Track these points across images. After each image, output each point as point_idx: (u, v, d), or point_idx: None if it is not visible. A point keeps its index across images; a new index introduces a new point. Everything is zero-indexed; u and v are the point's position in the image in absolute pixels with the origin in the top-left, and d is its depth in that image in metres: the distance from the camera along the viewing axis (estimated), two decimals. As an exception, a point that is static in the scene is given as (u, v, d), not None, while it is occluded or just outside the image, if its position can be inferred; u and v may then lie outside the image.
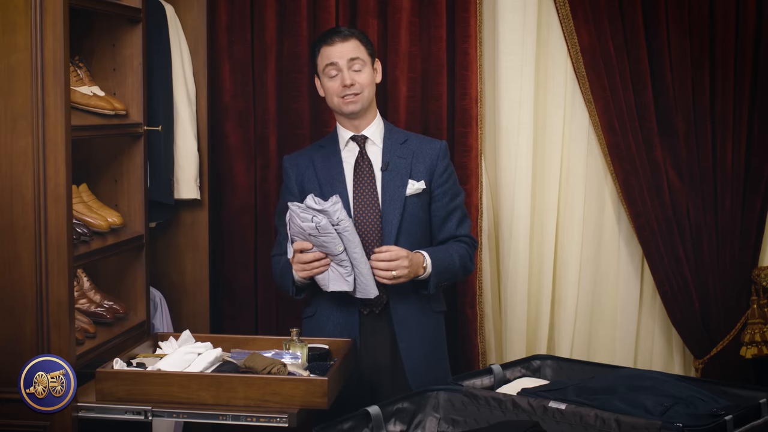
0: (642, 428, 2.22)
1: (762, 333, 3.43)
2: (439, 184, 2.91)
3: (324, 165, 2.92)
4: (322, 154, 2.94)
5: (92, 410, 2.57)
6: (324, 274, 2.74)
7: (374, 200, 2.86)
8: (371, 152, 2.92)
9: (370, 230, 2.84)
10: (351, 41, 2.87)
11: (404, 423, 2.49)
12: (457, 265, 2.87)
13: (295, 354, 2.71)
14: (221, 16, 3.60)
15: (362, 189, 2.87)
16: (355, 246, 2.69)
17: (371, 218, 2.84)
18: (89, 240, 2.87)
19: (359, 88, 2.86)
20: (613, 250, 3.57)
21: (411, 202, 2.86)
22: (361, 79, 2.87)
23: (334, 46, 2.87)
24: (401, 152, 2.91)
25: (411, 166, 2.89)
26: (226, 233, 3.67)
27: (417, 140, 2.96)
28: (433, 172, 2.91)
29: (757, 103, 3.37)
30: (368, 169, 2.89)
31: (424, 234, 2.92)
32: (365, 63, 2.88)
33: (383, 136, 2.93)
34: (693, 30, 3.37)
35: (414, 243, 2.85)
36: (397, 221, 2.84)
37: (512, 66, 3.50)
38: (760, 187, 3.39)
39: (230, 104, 3.63)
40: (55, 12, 2.59)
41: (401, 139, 2.94)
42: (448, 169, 2.95)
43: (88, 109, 2.93)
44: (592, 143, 3.53)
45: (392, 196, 2.86)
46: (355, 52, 2.87)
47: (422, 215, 2.90)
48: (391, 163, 2.89)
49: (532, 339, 3.60)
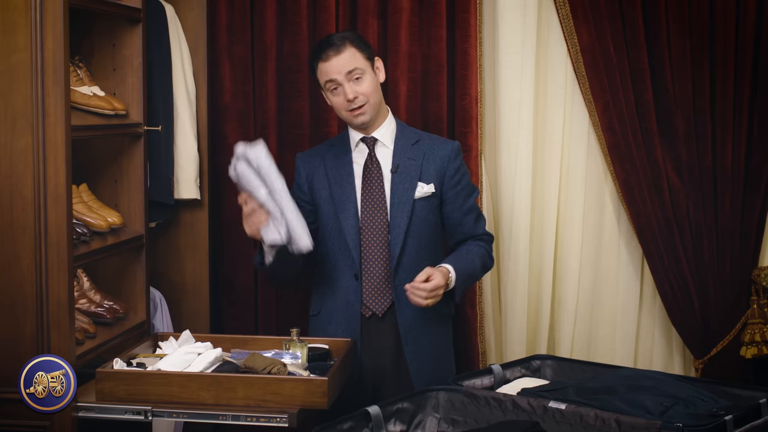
0: (642, 428, 2.22)
1: (762, 333, 3.43)
2: (450, 186, 2.89)
3: (334, 165, 2.90)
4: (333, 153, 2.93)
5: (92, 410, 2.57)
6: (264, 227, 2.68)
7: (382, 203, 2.85)
8: (381, 154, 2.90)
9: (377, 232, 2.83)
10: (345, 52, 2.81)
11: (404, 423, 2.49)
12: (478, 267, 2.89)
13: (295, 354, 2.71)
14: (221, 16, 3.60)
15: (370, 191, 2.86)
16: (277, 192, 2.63)
17: (379, 221, 2.84)
18: (89, 240, 2.88)
19: (363, 99, 2.83)
20: (613, 250, 3.57)
21: (420, 205, 2.85)
22: (364, 89, 2.83)
23: (330, 62, 2.81)
24: (412, 153, 2.88)
25: (421, 168, 2.87)
26: (226, 233, 3.67)
27: (429, 141, 2.93)
28: (444, 174, 2.89)
29: (757, 103, 3.37)
30: (377, 172, 2.87)
31: (433, 237, 2.91)
32: (364, 71, 2.83)
33: (395, 136, 2.91)
34: (693, 30, 3.37)
35: (422, 245, 2.85)
36: (405, 224, 2.83)
37: (512, 66, 3.50)
38: (760, 187, 3.39)
39: (230, 104, 3.63)
40: (55, 12, 2.59)
41: (413, 140, 2.91)
42: (461, 170, 2.92)
43: (88, 109, 2.93)
44: (592, 143, 3.53)
45: (401, 198, 2.84)
46: (351, 63, 2.81)
47: (431, 218, 2.88)
48: (401, 164, 2.87)
49: (532, 339, 3.60)
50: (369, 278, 2.86)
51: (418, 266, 2.78)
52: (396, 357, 2.85)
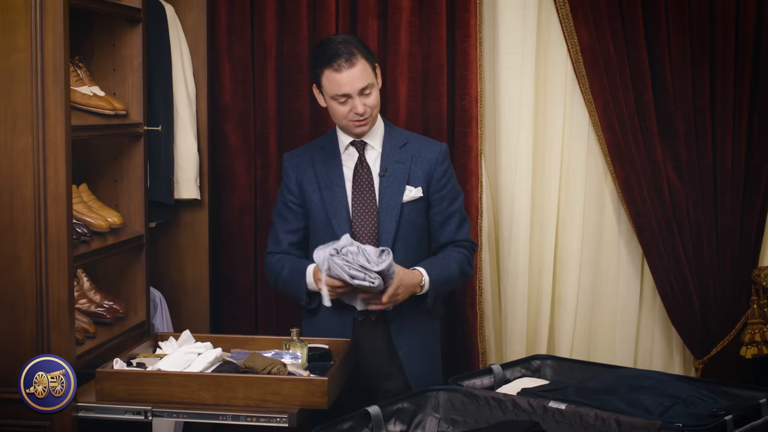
0: (642, 428, 2.22)
1: (762, 333, 3.43)
2: (436, 189, 2.88)
3: (324, 168, 2.88)
4: (323, 156, 2.90)
5: (92, 410, 2.57)
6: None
7: (372, 206, 2.84)
8: (370, 157, 2.88)
9: (367, 236, 2.82)
10: (358, 64, 2.74)
11: (404, 423, 2.49)
12: (456, 273, 2.86)
13: (295, 354, 2.71)
14: (221, 16, 3.60)
15: (360, 195, 2.84)
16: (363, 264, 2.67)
17: (369, 224, 2.83)
18: (89, 240, 2.87)
19: (370, 112, 2.80)
20: (613, 250, 3.57)
21: (407, 208, 2.84)
22: (372, 102, 2.79)
23: (342, 74, 2.74)
24: (400, 156, 2.86)
25: (409, 171, 2.85)
26: (226, 233, 3.67)
27: (417, 143, 2.91)
28: (432, 177, 2.87)
29: (757, 103, 3.37)
30: (367, 176, 2.86)
31: (421, 239, 2.90)
32: (374, 84, 2.80)
33: (383, 139, 2.89)
34: (693, 30, 3.37)
35: (410, 248, 2.84)
36: (393, 228, 2.82)
37: (512, 66, 3.50)
38: (760, 187, 3.39)
39: (230, 104, 3.63)
40: (55, 12, 2.59)
41: (401, 142, 2.89)
42: (447, 173, 2.90)
43: (88, 109, 2.93)
44: (592, 143, 3.53)
45: (389, 202, 2.83)
46: (364, 78, 2.76)
47: (419, 221, 2.87)
48: (389, 168, 2.85)
49: (532, 339, 3.60)
50: None
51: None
52: (390, 358, 2.84)
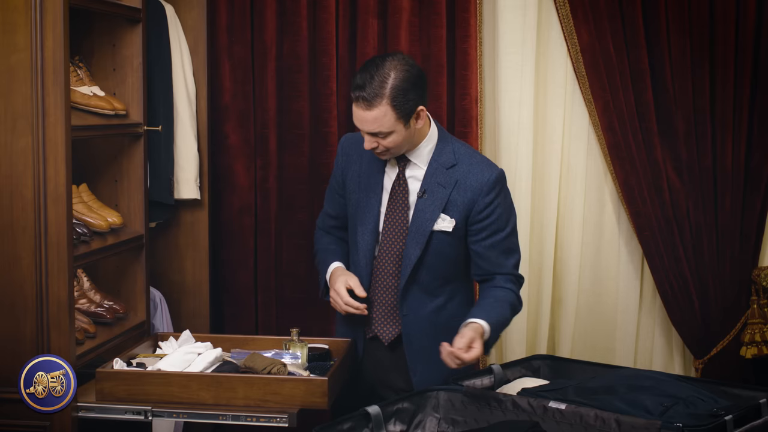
0: (642, 428, 2.22)
1: (762, 333, 3.43)
2: (476, 221, 2.64)
3: (368, 169, 2.72)
4: (371, 156, 2.69)
5: (92, 410, 2.57)
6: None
7: (403, 228, 2.67)
8: (412, 174, 2.67)
9: (391, 257, 2.70)
10: (374, 111, 2.49)
11: (404, 423, 2.49)
12: (509, 316, 2.69)
13: (295, 354, 2.71)
14: (221, 16, 3.60)
15: (393, 213, 2.68)
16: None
17: (395, 246, 2.69)
18: (89, 240, 2.88)
19: (384, 149, 2.58)
20: (613, 250, 3.57)
21: (437, 237, 2.64)
22: (387, 142, 2.56)
23: (356, 110, 2.54)
24: (443, 179, 2.63)
25: (449, 197, 2.62)
26: (226, 233, 3.67)
27: (467, 166, 2.64)
28: (472, 209, 2.63)
29: (757, 103, 3.37)
30: (403, 194, 2.67)
31: (449, 269, 2.71)
32: (392, 131, 2.53)
33: (430, 157, 2.65)
34: (693, 30, 3.37)
35: (434, 277, 2.68)
36: (416, 256, 2.64)
37: (512, 66, 3.50)
38: (760, 187, 3.39)
39: (230, 104, 3.63)
40: (55, 12, 2.59)
41: (449, 163, 2.64)
42: (492, 204, 2.62)
43: (88, 109, 2.93)
44: (592, 143, 3.53)
45: (419, 228, 2.63)
46: (375, 125, 2.51)
47: (448, 251, 2.66)
48: (429, 190, 2.63)
49: (532, 339, 3.60)
50: (378, 301, 2.74)
51: (425, 299, 2.68)
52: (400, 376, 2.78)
